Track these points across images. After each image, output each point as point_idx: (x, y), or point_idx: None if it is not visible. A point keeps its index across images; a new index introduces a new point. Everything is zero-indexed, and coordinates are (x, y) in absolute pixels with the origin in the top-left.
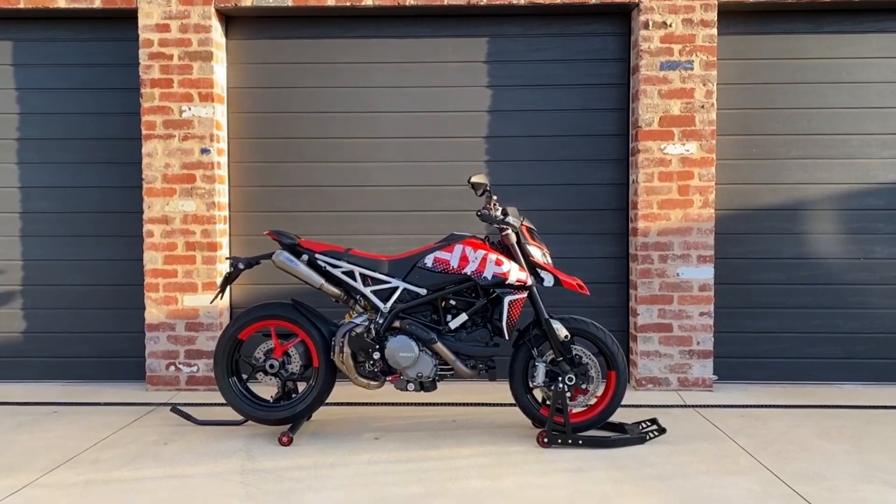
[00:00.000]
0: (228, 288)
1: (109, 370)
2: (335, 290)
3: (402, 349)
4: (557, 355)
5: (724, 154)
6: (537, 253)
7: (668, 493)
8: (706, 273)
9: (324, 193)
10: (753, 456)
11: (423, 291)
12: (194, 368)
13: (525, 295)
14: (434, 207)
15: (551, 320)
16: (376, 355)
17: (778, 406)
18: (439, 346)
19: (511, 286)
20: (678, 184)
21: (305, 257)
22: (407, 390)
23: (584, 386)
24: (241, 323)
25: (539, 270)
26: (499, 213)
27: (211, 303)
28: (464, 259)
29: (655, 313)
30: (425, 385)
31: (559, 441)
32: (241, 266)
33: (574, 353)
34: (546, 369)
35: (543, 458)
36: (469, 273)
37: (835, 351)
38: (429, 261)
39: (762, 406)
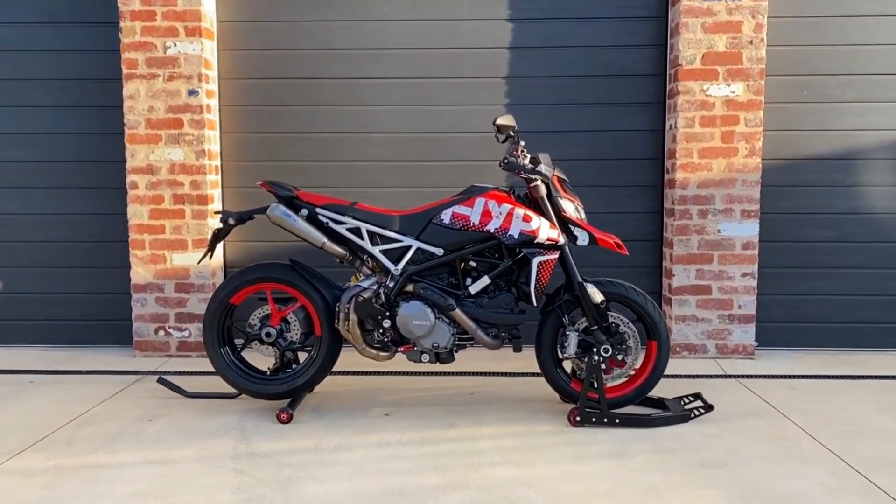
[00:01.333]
0: (219, 246)
1: (94, 334)
2: (339, 250)
3: (415, 316)
4: (591, 323)
5: (772, 97)
6: (570, 207)
7: (727, 485)
8: (750, 229)
9: (326, 141)
10: (815, 438)
11: (439, 251)
12: (185, 333)
13: (556, 255)
14: (450, 156)
15: (585, 284)
16: (386, 323)
17: (830, 376)
18: (458, 313)
19: (540, 245)
20: (721, 130)
21: (305, 212)
22: (421, 362)
23: (620, 357)
24: (233, 286)
25: (572, 227)
26: (527, 161)
27: (198, 263)
28: (486, 214)
29: (693, 274)
30: (441, 356)
31: (593, 420)
32: (231, 222)
33: (610, 320)
34: (578, 339)
35: (576, 439)
36: (492, 231)
37: (888, 315)
38: (446, 216)
39: (812, 376)
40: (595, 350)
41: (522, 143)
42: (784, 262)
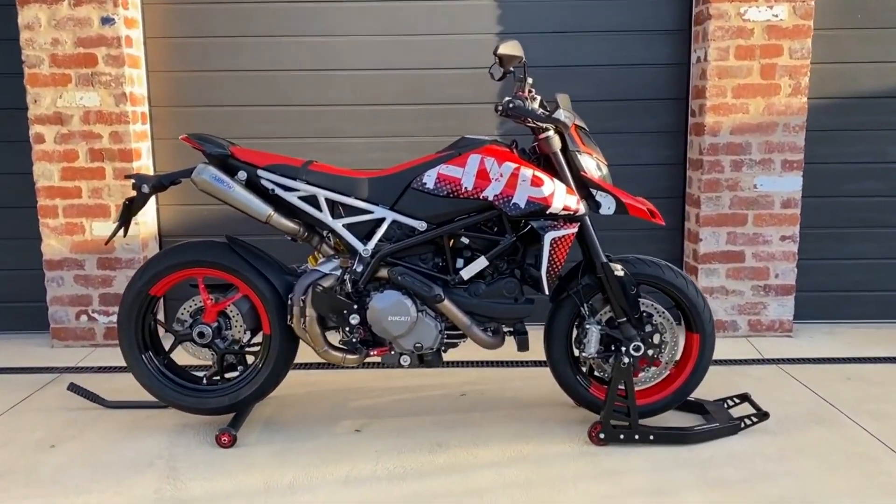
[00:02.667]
0: (150, 211)
1: (4, 319)
2: (290, 224)
3: (391, 311)
4: (619, 315)
5: (818, 22)
6: (591, 165)
7: None
8: (792, 184)
9: (278, 81)
10: None
11: (421, 225)
12: (113, 318)
13: (575, 229)
14: (433, 99)
15: (610, 263)
16: (354, 319)
17: (885, 359)
18: (447, 304)
19: (554, 216)
20: (761, 62)
21: (243, 175)
22: (401, 365)
23: (653, 355)
24: (152, 273)
25: (593, 191)
26: (536, 104)
27: (106, 244)
28: (482, 176)
29: (723, 238)
30: (426, 358)
31: (621, 437)
32: (145, 189)
33: (642, 309)
34: (602, 334)
35: (604, 466)
36: (491, 198)
37: None
38: (429, 180)
39: (866, 360)
40: (623, 349)
41: (530, 80)
42: (825, 221)
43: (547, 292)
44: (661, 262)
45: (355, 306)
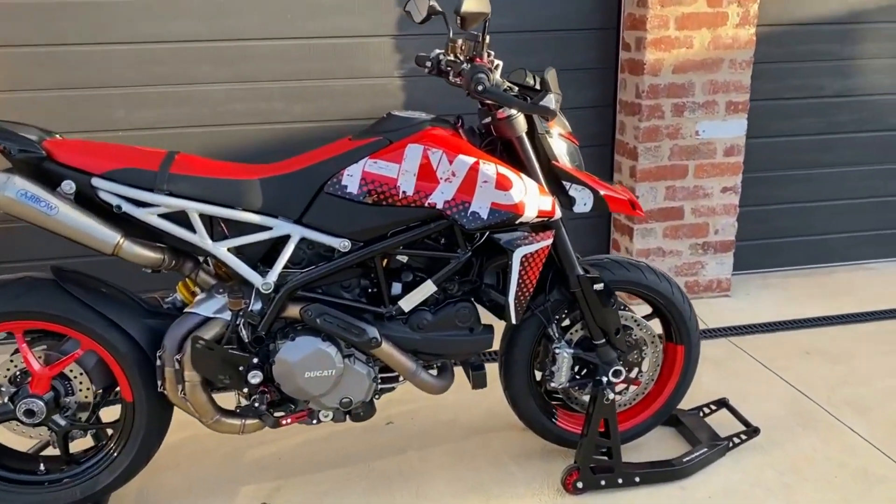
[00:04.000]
0: None
1: None
2: (148, 255)
3: (309, 364)
4: (598, 336)
5: None
6: (563, 150)
7: None
8: (737, 128)
9: (100, 7)
10: None
11: (342, 244)
12: None
13: (551, 240)
14: (346, 69)
15: (589, 276)
16: (255, 378)
17: (832, 319)
18: (385, 348)
19: (524, 224)
20: None
21: (70, 186)
22: (321, 421)
23: (634, 374)
24: None
25: (567, 183)
26: (499, 74)
27: None
28: (427, 175)
29: (662, 194)
30: (355, 412)
31: (602, 483)
32: None
33: (622, 323)
34: (572, 356)
35: None
36: (441, 206)
37: (869, 222)
38: (350, 181)
39: (813, 322)
40: (604, 379)
41: (487, 37)
42: (761, 165)
43: (514, 321)
44: (640, 262)
45: (256, 360)
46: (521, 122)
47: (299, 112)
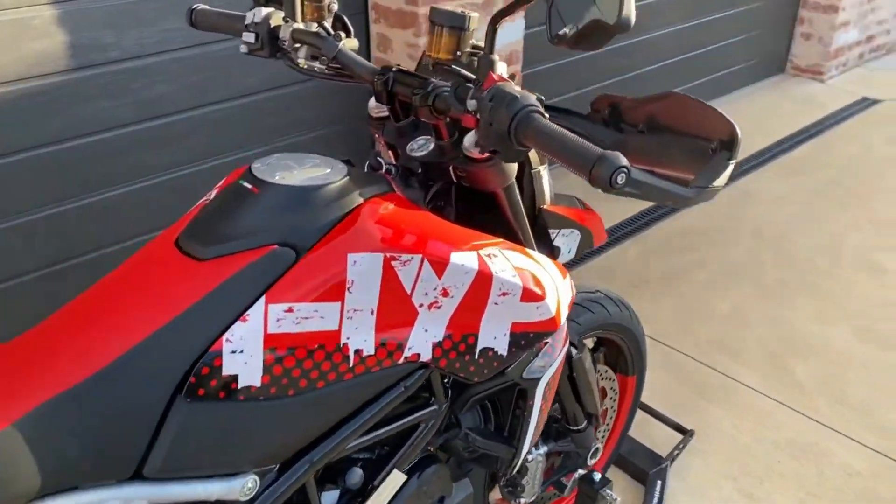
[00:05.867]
0: None
1: None
2: None
3: None
4: (579, 421)
5: None
6: (550, 185)
7: None
8: (514, 32)
9: None
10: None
11: (242, 485)
12: None
13: (567, 345)
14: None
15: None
16: None
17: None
18: None
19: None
20: None
21: None
22: None
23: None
24: None
25: (555, 231)
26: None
27: None
28: (394, 306)
29: None
30: None
31: None
32: None
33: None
34: (545, 455)
35: None
36: (425, 357)
37: None
38: (236, 362)
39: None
40: (596, 476)
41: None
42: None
43: (518, 471)
44: (597, 294)
45: None
46: (510, 165)
47: None
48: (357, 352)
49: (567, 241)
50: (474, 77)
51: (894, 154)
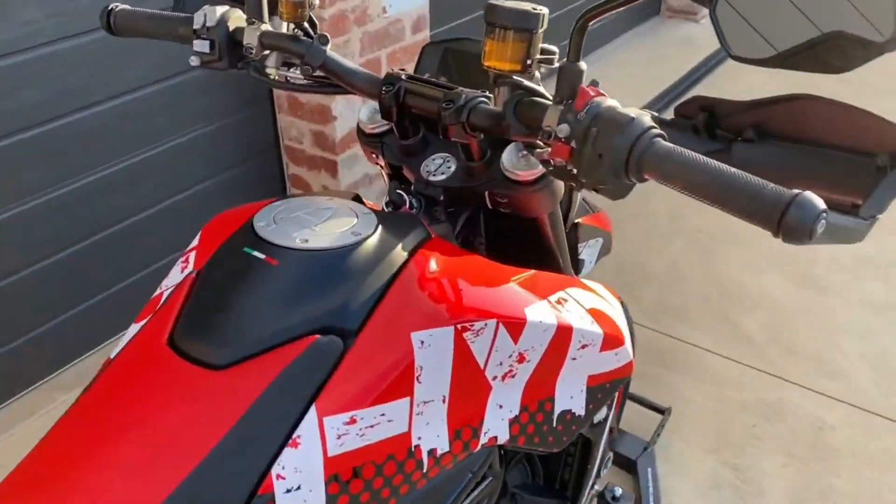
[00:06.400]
0: None
1: None
2: None
3: None
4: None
5: None
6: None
7: None
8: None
9: None
10: None
11: None
12: None
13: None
14: None
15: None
16: None
17: None
18: None
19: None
20: None
21: None
22: None
23: None
24: None
25: (582, 245)
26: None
27: None
28: (466, 385)
29: (357, 102)
30: None
31: None
32: None
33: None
34: None
35: None
36: (503, 439)
37: None
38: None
39: None
40: None
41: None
42: None
43: None
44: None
45: None
46: (560, 185)
47: None
48: (430, 452)
49: (591, 251)
50: (542, 91)
51: (794, 82)
